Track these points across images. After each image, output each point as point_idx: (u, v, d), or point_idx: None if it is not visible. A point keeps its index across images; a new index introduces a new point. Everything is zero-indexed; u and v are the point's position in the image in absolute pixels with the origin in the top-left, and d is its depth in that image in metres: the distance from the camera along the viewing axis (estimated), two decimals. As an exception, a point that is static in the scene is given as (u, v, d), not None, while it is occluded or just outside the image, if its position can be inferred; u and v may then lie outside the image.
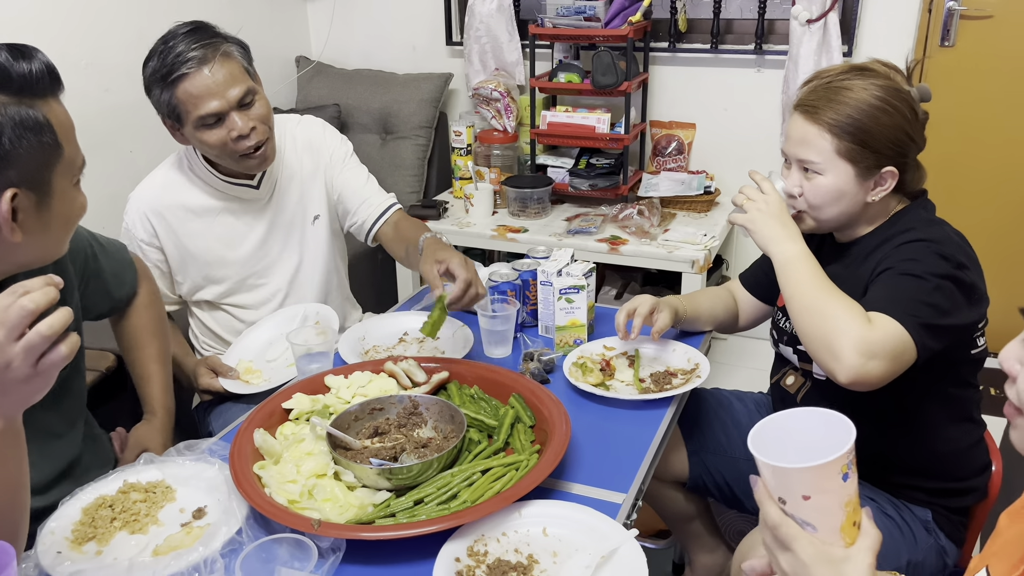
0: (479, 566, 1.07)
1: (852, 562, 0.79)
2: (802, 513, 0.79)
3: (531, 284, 1.72)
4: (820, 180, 1.35)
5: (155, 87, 1.58)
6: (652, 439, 1.35)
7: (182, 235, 1.74)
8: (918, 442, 1.39)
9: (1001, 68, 2.61)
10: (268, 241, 1.82)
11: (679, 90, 2.96)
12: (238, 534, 1.11)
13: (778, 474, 0.79)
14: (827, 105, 1.33)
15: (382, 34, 3.33)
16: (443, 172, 3.24)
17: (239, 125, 1.59)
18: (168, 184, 1.74)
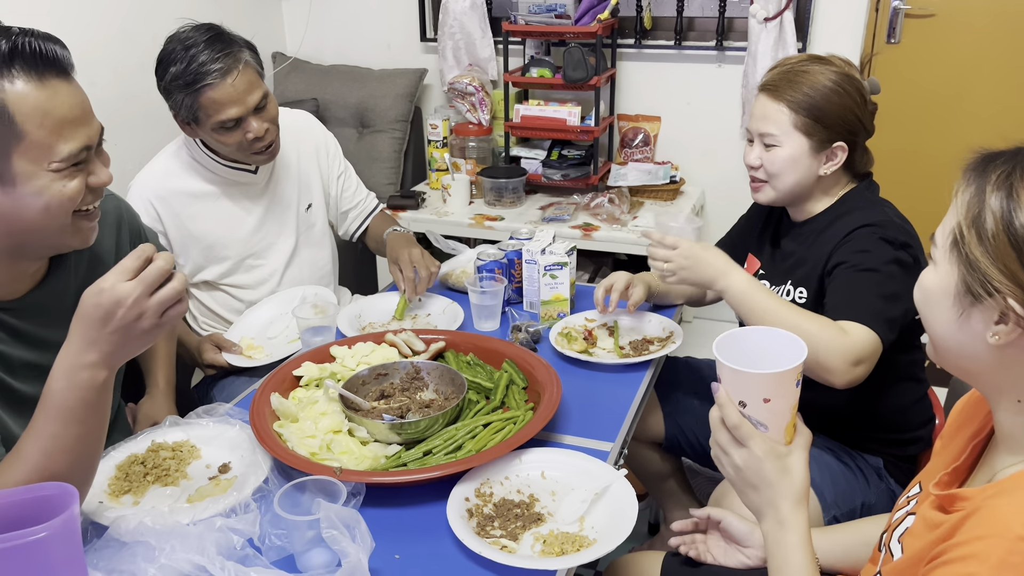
0: (486, 505, 1.20)
1: (794, 456, 0.94)
2: (759, 415, 0.93)
3: (516, 263, 1.85)
4: (778, 151, 1.51)
5: (177, 92, 1.69)
6: (634, 397, 1.49)
7: (185, 218, 1.84)
8: (870, 400, 1.55)
9: (943, 62, 2.81)
10: (265, 224, 1.93)
11: (645, 85, 3.11)
12: (265, 483, 1.22)
13: (748, 379, 0.91)
14: (787, 85, 1.49)
15: (357, 31, 3.43)
16: (419, 164, 3.35)
17: (255, 128, 1.73)
18: (170, 171, 1.85)
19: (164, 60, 1.70)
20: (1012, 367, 0.82)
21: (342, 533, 1.02)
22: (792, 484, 0.93)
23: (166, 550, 1.00)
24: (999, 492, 0.79)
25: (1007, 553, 0.72)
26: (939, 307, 0.85)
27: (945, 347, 0.87)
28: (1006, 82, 2.75)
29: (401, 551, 1.12)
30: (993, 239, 0.79)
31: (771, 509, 0.94)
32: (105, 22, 2.63)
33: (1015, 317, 0.78)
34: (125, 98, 2.70)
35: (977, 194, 0.81)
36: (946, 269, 0.84)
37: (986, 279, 0.79)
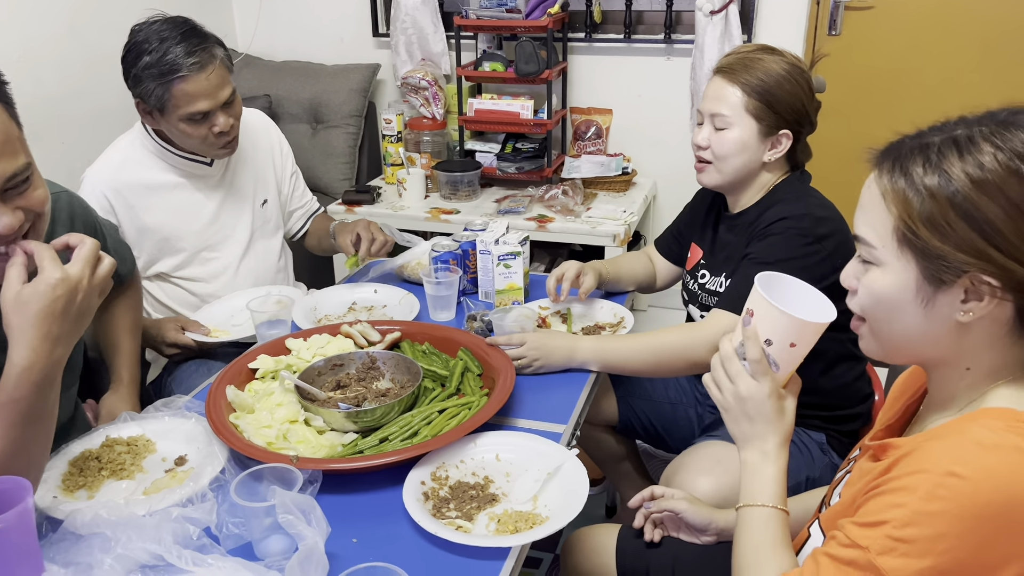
0: (442, 488, 1.22)
1: (789, 400, 1.02)
2: (779, 356, 0.98)
3: (471, 254, 1.87)
4: (727, 133, 1.55)
5: (149, 81, 1.70)
6: (586, 380, 1.53)
7: (139, 210, 1.83)
8: (812, 379, 1.58)
9: (882, 53, 2.90)
10: (221, 216, 1.94)
11: (596, 78, 3.15)
12: (222, 473, 1.23)
13: (789, 322, 0.95)
14: (743, 69, 1.54)
15: (309, 26, 3.42)
16: (373, 159, 3.35)
17: (222, 123, 1.77)
18: (125, 162, 1.84)
19: (135, 48, 1.71)
20: (970, 339, 0.85)
21: (298, 518, 1.04)
22: (784, 425, 1.01)
23: (122, 540, 1.01)
24: (930, 437, 0.85)
25: (935, 486, 0.77)
26: (899, 306, 0.87)
27: (907, 340, 0.89)
28: (943, 71, 2.85)
29: (358, 535, 1.14)
30: (946, 223, 0.81)
31: (760, 441, 1.00)
32: (49, 18, 2.59)
33: (989, 289, 0.81)
34: (72, 95, 2.67)
35: (909, 186, 0.83)
36: (898, 267, 0.85)
37: (950, 264, 0.81)
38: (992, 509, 0.76)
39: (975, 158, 0.80)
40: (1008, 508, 0.76)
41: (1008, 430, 0.80)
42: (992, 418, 0.82)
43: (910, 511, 0.78)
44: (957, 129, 0.84)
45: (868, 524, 0.81)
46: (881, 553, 0.79)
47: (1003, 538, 0.76)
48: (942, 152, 0.82)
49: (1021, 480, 0.76)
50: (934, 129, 0.87)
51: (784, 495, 0.99)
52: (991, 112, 0.85)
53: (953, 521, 0.76)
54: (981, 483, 0.76)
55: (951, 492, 0.76)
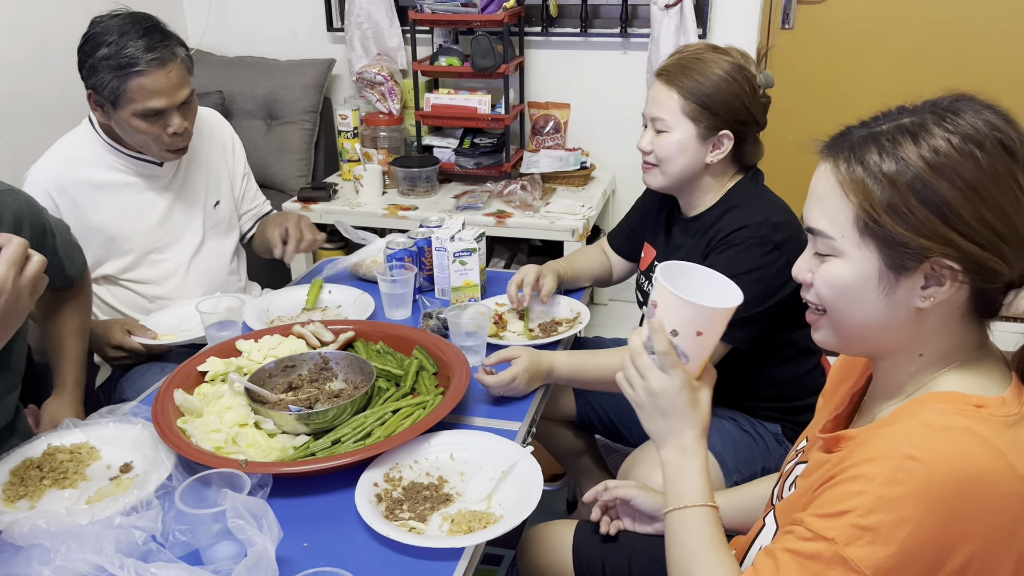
0: (395, 489, 1.21)
1: (703, 391, 0.99)
2: (687, 346, 0.96)
3: (426, 251, 1.85)
4: (667, 136, 1.55)
5: (105, 72, 1.65)
6: (542, 376, 1.52)
7: (86, 209, 1.78)
8: (764, 374, 1.62)
9: (834, 47, 2.93)
10: (171, 217, 1.89)
11: (553, 72, 3.14)
12: (169, 479, 1.20)
13: (691, 310, 0.93)
14: (680, 72, 1.54)
15: (262, 21, 3.36)
16: (330, 155, 3.31)
17: (176, 124, 1.73)
18: (71, 159, 1.79)
19: (93, 39, 1.67)
20: (926, 324, 0.86)
21: (249, 523, 1.02)
22: (700, 416, 0.98)
23: (61, 551, 0.98)
24: (883, 425, 0.85)
25: (894, 471, 0.77)
26: (861, 294, 0.86)
27: (867, 329, 0.88)
28: (893, 64, 2.89)
29: (310, 539, 1.12)
30: (907, 209, 0.81)
31: (676, 437, 0.98)
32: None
33: (950, 273, 0.81)
34: (15, 93, 2.59)
35: (867, 174, 0.83)
36: (860, 256, 0.85)
37: (912, 250, 0.81)
38: (946, 490, 0.76)
39: (929, 143, 0.81)
40: (960, 489, 0.76)
41: (956, 412, 0.81)
42: (940, 401, 0.83)
43: (873, 497, 0.78)
44: (903, 117, 0.85)
45: (830, 515, 0.81)
46: (848, 543, 0.79)
47: (957, 519, 0.77)
48: (895, 140, 0.83)
49: (971, 461, 0.77)
50: (878, 119, 0.87)
51: (710, 489, 0.97)
52: (933, 100, 0.86)
53: (913, 504, 0.77)
54: (935, 465, 0.77)
55: (910, 475, 0.77)
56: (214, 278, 1.97)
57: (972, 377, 0.86)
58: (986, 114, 0.82)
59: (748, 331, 1.48)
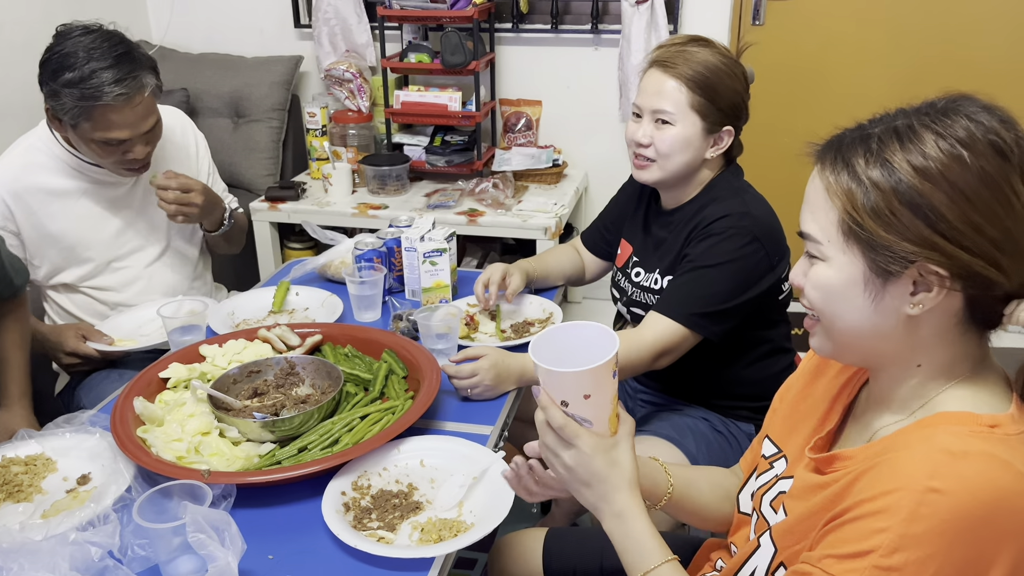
0: (364, 497, 1.18)
1: (620, 447, 0.93)
2: (582, 411, 0.91)
3: (396, 251, 1.82)
4: (671, 130, 1.50)
5: (68, 97, 1.57)
6: (514, 379, 1.49)
7: (42, 216, 1.72)
8: (738, 372, 1.61)
9: (803, 43, 2.94)
10: (134, 225, 1.84)
11: (525, 69, 3.12)
12: (128, 491, 1.16)
13: (565, 378, 0.89)
14: (683, 62, 1.48)
15: (227, 17, 3.29)
16: (299, 154, 3.25)
17: (138, 151, 1.67)
18: (27, 165, 1.73)
19: (59, 59, 1.58)
20: (920, 332, 0.83)
21: (210, 537, 0.98)
22: (622, 474, 0.93)
23: (14, 569, 0.94)
24: (891, 448, 0.81)
25: (916, 504, 0.74)
26: (847, 299, 0.84)
27: (859, 336, 0.86)
28: (864, 59, 2.90)
29: (275, 551, 1.09)
30: (891, 213, 0.79)
31: (606, 504, 0.93)
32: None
33: (937, 279, 0.79)
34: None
35: (852, 178, 0.81)
36: (845, 260, 0.83)
37: (896, 255, 0.79)
38: (972, 521, 0.73)
39: (917, 147, 0.79)
40: (988, 517, 0.73)
41: (972, 435, 0.78)
42: (953, 423, 0.80)
43: (895, 535, 0.74)
44: (897, 120, 0.83)
45: (850, 556, 0.77)
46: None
47: (985, 547, 0.74)
48: (883, 142, 0.81)
49: (995, 486, 0.74)
50: (874, 121, 0.85)
51: (662, 543, 0.92)
52: (930, 102, 0.83)
53: (939, 539, 0.73)
54: (959, 495, 0.73)
55: (934, 509, 0.73)
56: (178, 283, 1.92)
57: (978, 393, 0.83)
58: (982, 116, 0.80)
59: (723, 324, 1.47)
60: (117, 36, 1.63)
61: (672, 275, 1.56)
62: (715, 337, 1.48)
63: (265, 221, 2.88)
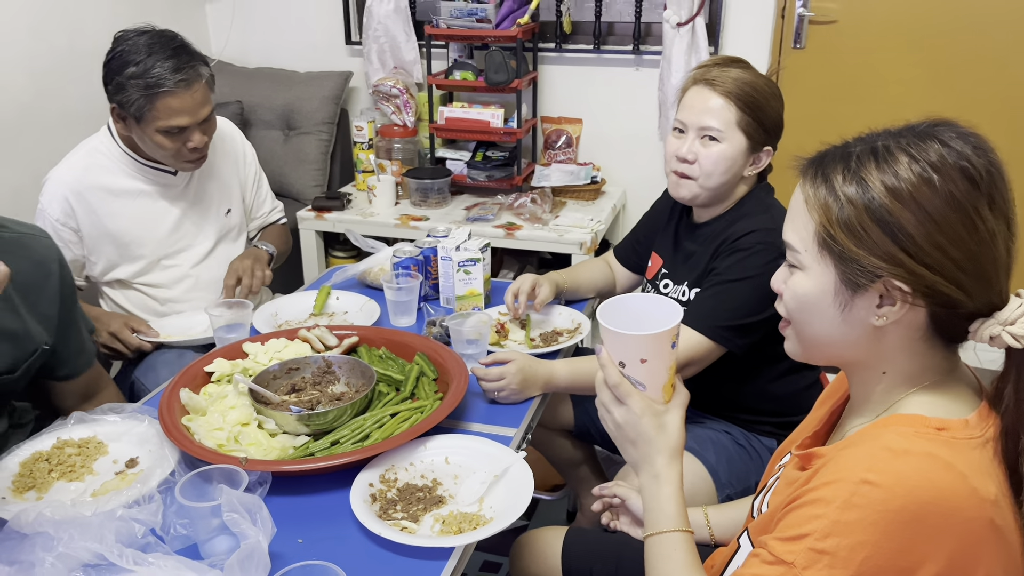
0: (390, 490, 1.24)
1: (670, 414, 0.99)
2: (637, 374, 0.98)
3: (432, 260, 1.89)
4: (717, 147, 1.52)
5: (133, 90, 1.72)
6: (540, 385, 1.54)
7: (102, 215, 1.84)
8: (762, 388, 1.64)
9: (845, 67, 2.95)
10: (183, 225, 1.95)
11: (567, 88, 3.18)
12: (171, 475, 1.24)
13: (626, 341, 0.96)
14: (729, 80, 1.51)
15: (282, 34, 3.43)
16: (346, 166, 3.36)
17: (197, 140, 1.80)
18: (89, 166, 1.86)
19: (120, 57, 1.73)
20: (885, 343, 0.88)
21: (243, 517, 1.05)
22: (668, 440, 0.99)
23: (64, 539, 1.02)
24: (847, 445, 0.87)
25: (850, 495, 0.79)
26: (818, 308, 0.89)
27: (827, 342, 0.91)
28: (903, 84, 2.90)
29: (305, 536, 1.15)
30: (862, 228, 0.83)
31: (647, 463, 0.99)
32: (13, 20, 2.57)
33: (900, 295, 0.83)
34: (37, 98, 2.66)
35: (830, 193, 0.86)
36: (819, 271, 0.88)
37: (864, 268, 0.84)
38: (906, 515, 0.77)
39: (891, 167, 0.83)
40: (921, 513, 0.77)
41: (917, 435, 0.82)
42: (902, 424, 0.84)
43: (829, 521, 0.79)
44: (878, 140, 0.87)
45: (790, 538, 0.83)
46: (806, 567, 0.80)
47: (918, 542, 0.78)
48: (861, 161, 0.85)
49: (931, 485, 0.78)
50: (858, 140, 0.90)
51: (683, 514, 0.98)
52: (911, 125, 0.88)
53: (870, 528, 0.78)
54: (893, 488, 0.78)
55: (866, 500, 0.78)
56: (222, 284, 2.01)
57: (938, 400, 0.88)
58: (956, 142, 0.84)
59: (746, 338, 1.50)
60: (170, 33, 1.79)
61: (700, 288, 1.60)
62: (739, 350, 1.51)
63: (311, 229, 2.98)
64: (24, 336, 1.38)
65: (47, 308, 1.43)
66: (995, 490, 0.80)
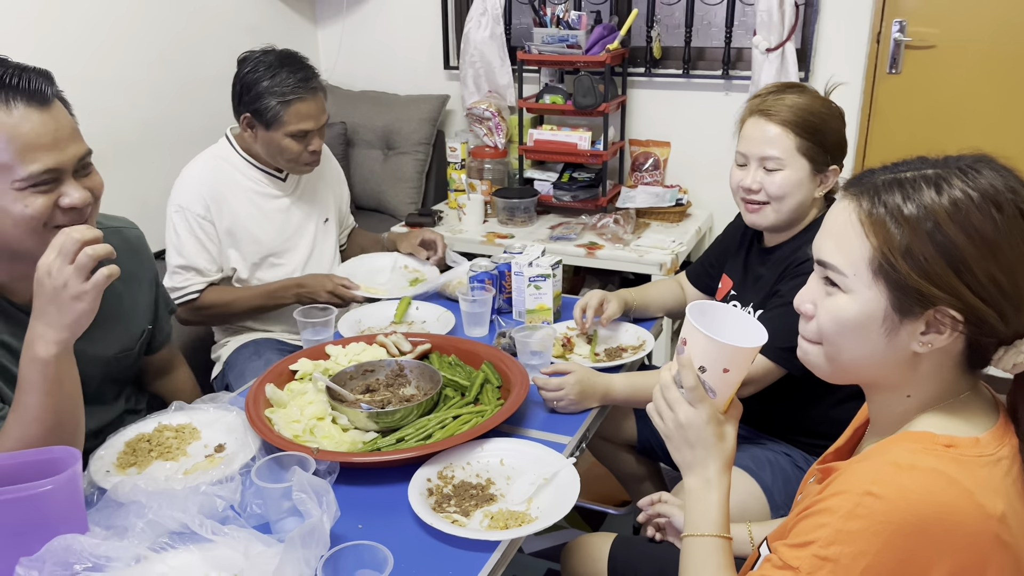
0: (447, 485, 1.32)
1: (730, 424, 1.04)
2: (714, 382, 1.01)
3: (507, 275, 1.98)
4: (781, 174, 1.57)
5: (270, 98, 1.97)
6: (599, 397, 1.60)
7: (227, 212, 2.08)
8: (823, 411, 1.63)
9: (942, 93, 2.88)
10: (287, 228, 2.18)
11: (655, 111, 3.24)
12: (252, 460, 1.37)
13: (719, 348, 0.98)
14: (783, 108, 1.55)
15: (386, 58, 3.63)
16: (440, 184, 3.51)
17: (316, 143, 2.05)
18: (213, 169, 2.10)
19: (254, 72, 1.99)
20: (920, 368, 0.90)
21: (310, 498, 1.16)
22: (725, 449, 1.03)
23: (154, 507, 1.15)
24: (858, 460, 0.90)
25: (854, 506, 0.82)
26: (861, 332, 0.89)
27: (863, 365, 0.91)
28: (1003, 111, 2.81)
29: (365, 522, 1.25)
30: (924, 258, 0.84)
31: (701, 467, 1.02)
32: (143, 47, 2.83)
33: (951, 323, 0.85)
34: (163, 119, 2.92)
35: (891, 219, 0.86)
36: (868, 295, 0.87)
37: (923, 295, 0.84)
38: (907, 527, 0.80)
39: (951, 195, 0.84)
40: (922, 526, 0.80)
41: (925, 451, 0.84)
42: (911, 441, 0.87)
43: (833, 530, 0.82)
44: (926, 168, 0.88)
45: (797, 544, 0.86)
46: (810, 573, 0.83)
47: (920, 554, 0.80)
48: (919, 186, 0.86)
49: (934, 499, 0.80)
50: (900, 165, 0.91)
51: (726, 521, 1.01)
52: (955, 156, 0.89)
53: (872, 538, 0.80)
54: (896, 501, 0.80)
55: (868, 511, 0.81)
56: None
57: (950, 418, 0.89)
58: (1006, 176, 0.85)
59: None
60: (288, 50, 2.05)
61: (764, 309, 1.63)
62: (798, 372, 1.52)
63: (403, 244, 3.14)
64: (133, 320, 1.57)
65: (146, 292, 1.62)
66: (1003, 507, 0.81)
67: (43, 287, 1.16)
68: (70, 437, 1.24)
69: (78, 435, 1.27)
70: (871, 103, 2.93)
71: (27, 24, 2.43)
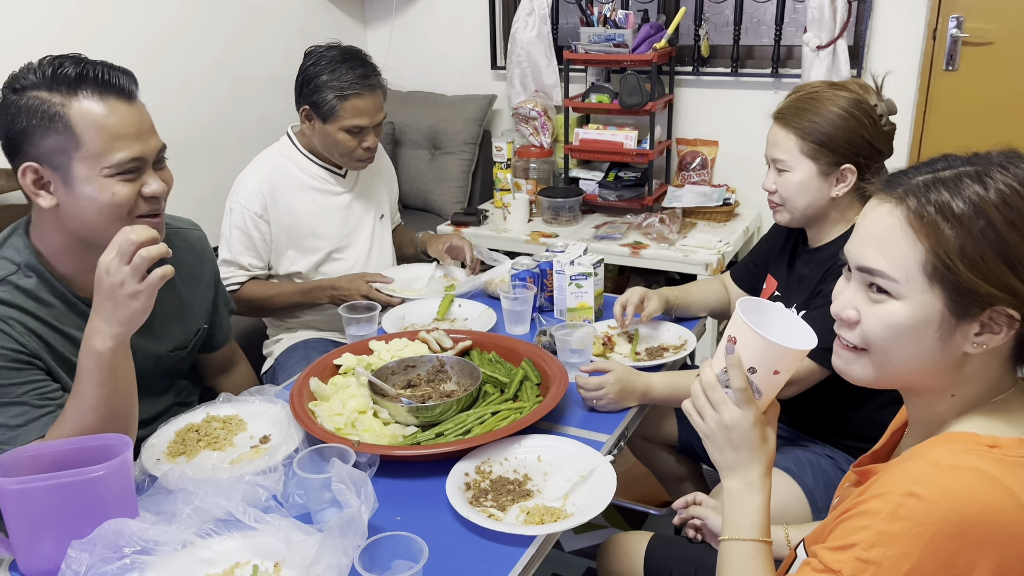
0: (484, 480, 1.34)
1: (771, 425, 1.04)
2: (762, 384, 0.99)
3: (549, 273, 1.99)
4: (788, 176, 1.62)
5: (328, 91, 2.02)
6: (638, 396, 1.60)
7: (287, 209, 2.14)
8: (868, 414, 1.61)
9: (1000, 90, 2.79)
10: (347, 223, 2.23)
11: (703, 110, 3.21)
12: (295, 451, 1.40)
13: (773, 350, 0.95)
14: (795, 113, 1.60)
15: (434, 59, 3.67)
16: (486, 184, 3.53)
17: (371, 140, 2.10)
18: (275, 166, 2.15)
19: (316, 65, 2.04)
20: (967, 368, 0.88)
21: (349, 488, 1.18)
22: (767, 452, 1.02)
23: (200, 494, 1.19)
24: (899, 462, 0.89)
25: (896, 507, 0.81)
26: (915, 338, 0.87)
27: (912, 370, 0.89)
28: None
29: (403, 514, 1.28)
30: (981, 259, 0.82)
31: (744, 470, 1.00)
32: (203, 53, 2.93)
33: (1008, 322, 0.83)
34: (220, 120, 3.00)
35: (943, 219, 0.83)
36: (923, 300, 0.85)
37: (981, 296, 0.83)
38: (949, 528, 0.79)
39: (996, 189, 0.83)
40: (965, 526, 0.78)
41: (967, 452, 0.83)
42: (952, 441, 0.86)
43: (875, 532, 0.81)
44: (961, 165, 0.86)
45: (839, 548, 0.85)
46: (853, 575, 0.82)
47: (962, 555, 0.79)
48: (965, 183, 0.84)
49: (976, 499, 0.79)
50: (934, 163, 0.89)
51: (767, 525, 1.00)
52: (985, 153, 0.88)
53: (914, 540, 0.79)
54: (937, 502, 0.79)
55: (910, 512, 0.80)
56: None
57: (993, 420, 0.87)
58: None
59: None
60: (352, 47, 2.09)
61: (807, 309, 1.61)
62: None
63: (448, 243, 3.17)
64: (189, 318, 1.62)
65: (204, 293, 1.66)
66: None
67: (102, 284, 1.22)
68: (124, 426, 1.29)
69: (132, 424, 1.32)
70: (927, 100, 2.86)
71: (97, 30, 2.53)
